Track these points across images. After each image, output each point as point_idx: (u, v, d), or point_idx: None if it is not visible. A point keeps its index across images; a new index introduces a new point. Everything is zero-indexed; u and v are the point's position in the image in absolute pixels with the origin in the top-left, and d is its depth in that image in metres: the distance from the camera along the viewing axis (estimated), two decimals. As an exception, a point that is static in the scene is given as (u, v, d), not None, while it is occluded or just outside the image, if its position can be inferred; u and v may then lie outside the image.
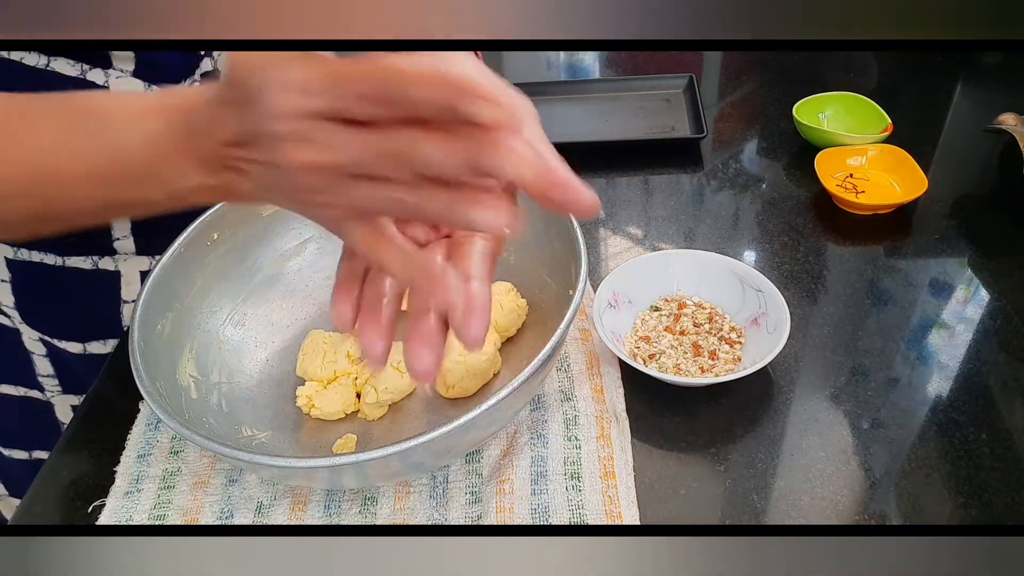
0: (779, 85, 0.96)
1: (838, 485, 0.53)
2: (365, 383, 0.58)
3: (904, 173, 0.76)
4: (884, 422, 0.56)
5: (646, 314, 0.64)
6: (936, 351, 0.61)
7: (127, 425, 0.59)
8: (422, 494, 0.53)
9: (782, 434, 0.56)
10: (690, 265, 0.65)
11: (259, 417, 0.58)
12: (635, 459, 0.55)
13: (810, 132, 0.82)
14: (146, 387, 0.49)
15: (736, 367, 0.59)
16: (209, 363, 0.58)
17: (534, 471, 0.53)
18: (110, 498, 0.54)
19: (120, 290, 0.69)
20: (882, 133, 0.80)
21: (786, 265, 0.70)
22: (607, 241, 0.76)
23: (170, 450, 0.57)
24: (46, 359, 0.71)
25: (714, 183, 0.81)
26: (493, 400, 0.44)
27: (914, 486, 0.52)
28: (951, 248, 0.71)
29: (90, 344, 0.71)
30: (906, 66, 0.98)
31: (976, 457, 0.53)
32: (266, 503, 0.53)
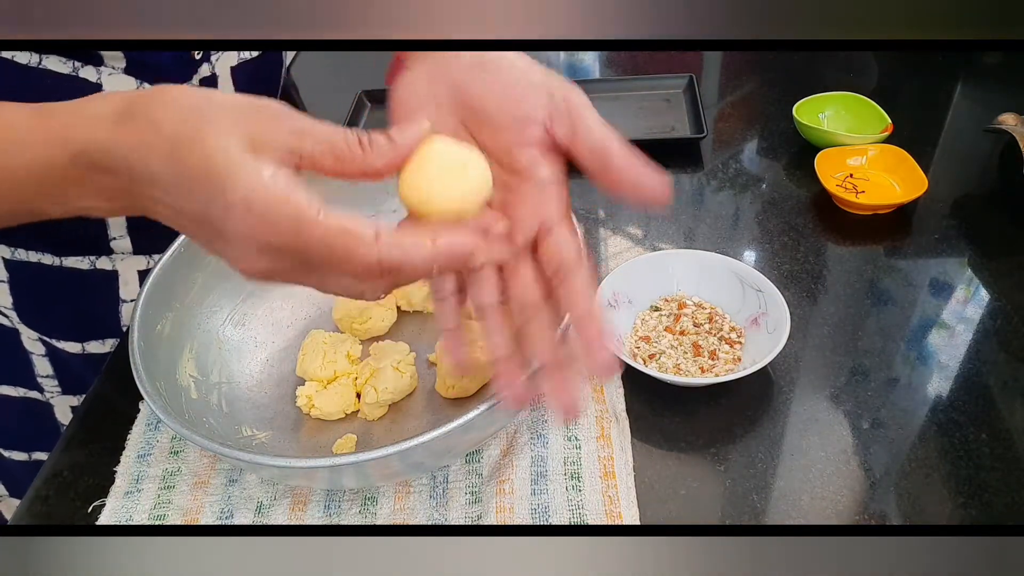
0: (779, 85, 0.96)
1: (838, 485, 0.53)
2: (365, 383, 0.58)
3: (904, 173, 0.76)
4: (884, 422, 0.56)
5: (646, 314, 0.64)
6: (936, 351, 0.61)
7: (127, 425, 0.59)
8: (422, 494, 0.53)
9: (782, 434, 0.56)
10: (690, 265, 0.65)
11: (259, 417, 0.58)
12: (635, 459, 0.55)
13: (810, 132, 0.82)
14: (146, 387, 0.49)
15: (736, 367, 0.59)
16: (209, 363, 0.58)
17: (534, 471, 0.53)
18: (110, 498, 0.54)
19: (118, 290, 0.69)
20: (882, 133, 0.80)
21: (786, 265, 0.70)
22: (607, 241, 0.76)
23: (170, 450, 0.57)
24: (45, 359, 0.71)
25: (714, 183, 0.81)
26: (493, 400, 0.44)
27: (914, 486, 0.52)
28: (951, 248, 0.71)
29: (88, 344, 0.71)
30: (906, 66, 0.98)
31: (976, 457, 0.53)
32: (266, 503, 0.53)
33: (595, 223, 0.78)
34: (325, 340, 0.60)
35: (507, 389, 0.40)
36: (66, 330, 0.70)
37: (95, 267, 0.67)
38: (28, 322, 0.69)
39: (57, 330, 0.70)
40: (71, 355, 0.71)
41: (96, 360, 0.70)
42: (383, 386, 0.57)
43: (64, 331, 0.70)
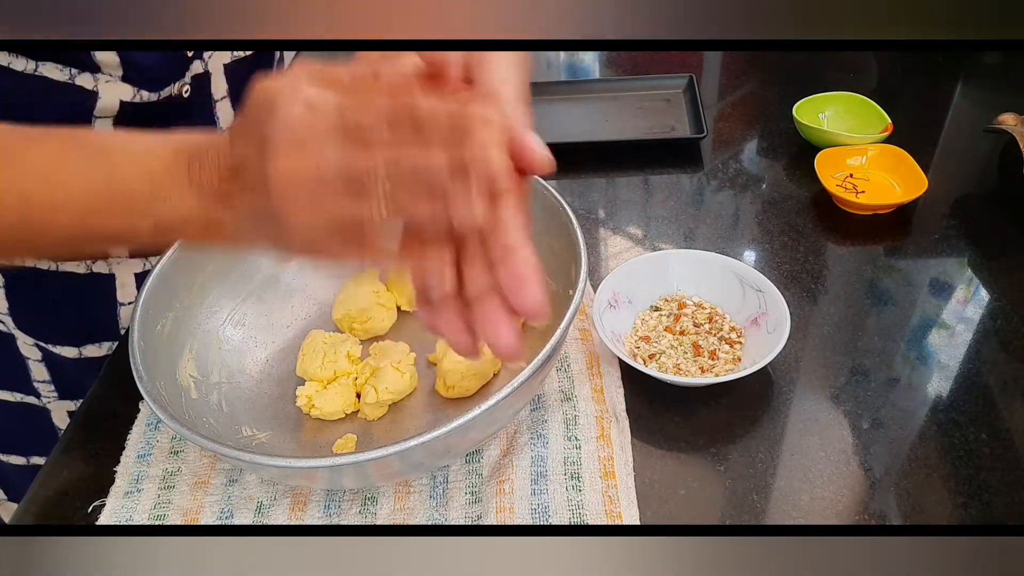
0: (779, 85, 0.96)
1: (838, 485, 0.53)
2: (365, 383, 0.58)
3: (904, 173, 0.76)
4: (884, 422, 0.56)
5: (646, 314, 0.64)
6: (936, 351, 0.61)
7: (127, 425, 0.59)
8: (422, 494, 0.53)
9: (782, 434, 0.56)
10: (690, 265, 0.65)
11: (259, 417, 0.58)
12: (635, 459, 0.55)
13: (810, 132, 0.82)
14: (146, 387, 0.49)
15: (736, 367, 0.59)
16: (209, 363, 0.58)
17: (534, 471, 0.53)
18: (110, 498, 0.54)
19: (115, 292, 0.69)
20: (882, 133, 0.80)
21: (786, 265, 0.70)
22: (607, 241, 0.76)
23: (170, 450, 0.57)
24: (41, 364, 0.71)
25: (714, 183, 0.81)
26: (493, 400, 0.44)
27: (914, 486, 0.52)
28: (951, 248, 0.71)
29: (85, 348, 0.70)
30: (906, 66, 0.98)
31: (976, 457, 0.53)
32: (266, 503, 0.53)
33: (595, 223, 0.78)
34: (325, 340, 0.60)
35: (453, 333, 0.37)
36: (63, 335, 0.70)
37: (91, 271, 0.67)
38: (24, 327, 0.68)
39: (54, 335, 0.69)
40: (67, 360, 0.71)
41: (93, 364, 0.70)
42: (383, 386, 0.57)
43: (61, 336, 0.70)
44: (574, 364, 0.60)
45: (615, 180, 0.83)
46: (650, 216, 0.78)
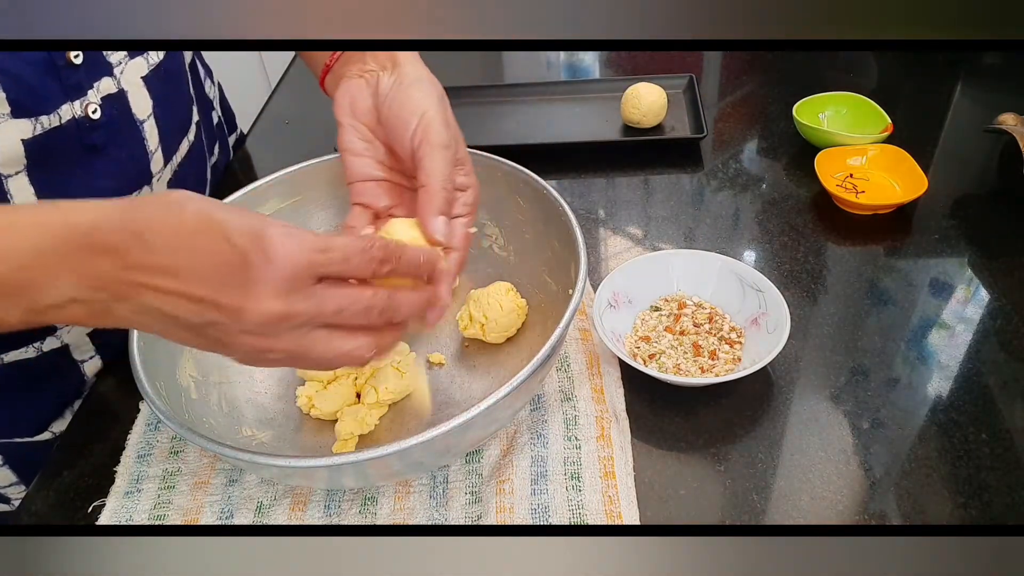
0: (779, 85, 0.96)
1: (838, 485, 0.53)
2: (365, 383, 0.58)
3: (904, 173, 0.76)
4: (884, 422, 0.56)
5: (646, 314, 0.64)
6: (936, 351, 0.61)
7: (127, 425, 0.59)
8: (422, 494, 0.53)
9: (782, 434, 0.56)
10: (690, 265, 0.65)
11: (259, 417, 0.58)
12: (635, 459, 0.55)
13: (810, 132, 0.82)
14: (146, 387, 0.49)
15: (736, 367, 0.59)
16: (209, 363, 0.58)
17: (534, 471, 0.53)
18: (110, 498, 0.55)
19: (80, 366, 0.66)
20: (882, 133, 0.80)
21: (786, 265, 0.70)
22: (607, 241, 0.76)
23: (170, 450, 0.57)
24: None
25: (714, 183, 0.81)
26: (492, 400, 0.44)
27: (914, 486, 0.52)
28: (951, 248, 0.71)
29: None
30: (906, 66, 0.98)
31: (976, 457, 0.53)
32: (266, 503, 0.53)
33: (595, 223, 0.78)
34: (325, 340, 0.60)
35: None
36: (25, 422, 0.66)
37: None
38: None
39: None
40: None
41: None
42: (383, 386, 0.57)
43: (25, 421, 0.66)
44: (574, 364, 0.60)
45: (615, 180, 0.83)
46: (650, 216, 0.78)
